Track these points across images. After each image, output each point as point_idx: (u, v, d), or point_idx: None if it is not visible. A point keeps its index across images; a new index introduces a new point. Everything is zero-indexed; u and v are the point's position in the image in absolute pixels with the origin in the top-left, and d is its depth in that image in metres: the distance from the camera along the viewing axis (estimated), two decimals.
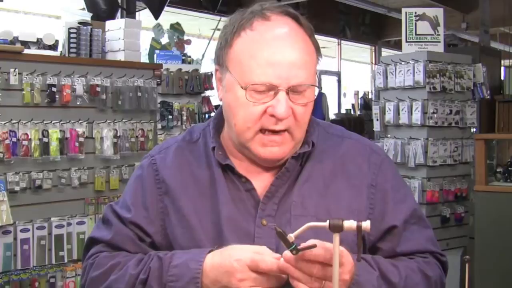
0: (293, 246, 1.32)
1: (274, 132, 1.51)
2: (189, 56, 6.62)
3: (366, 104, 13.19)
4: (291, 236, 1.31)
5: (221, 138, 1.65)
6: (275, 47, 1.48)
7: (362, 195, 1.61)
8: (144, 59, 5.99)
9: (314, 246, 1.34)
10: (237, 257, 1.38)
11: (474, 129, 5.90)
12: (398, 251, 1.59)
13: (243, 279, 1.37)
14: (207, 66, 6.72)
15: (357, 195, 1.60)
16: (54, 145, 4.19)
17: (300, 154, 1.60)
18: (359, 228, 1.29)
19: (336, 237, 1.29)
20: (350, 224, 1.29)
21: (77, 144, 4.33)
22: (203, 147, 1.66)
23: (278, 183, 1.58)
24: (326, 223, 1.28)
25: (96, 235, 1.67)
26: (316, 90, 1.56)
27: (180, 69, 6.09)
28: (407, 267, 1.54)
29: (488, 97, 5.94)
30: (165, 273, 1.43)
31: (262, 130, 1.52)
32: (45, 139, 4.16)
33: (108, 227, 1.65)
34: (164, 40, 6.67)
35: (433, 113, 5.32)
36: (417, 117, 5.36)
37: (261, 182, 1.60)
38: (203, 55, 7.17)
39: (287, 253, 1.33)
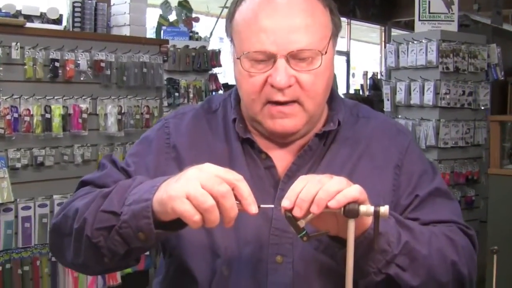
0: (304, 233, 1.21)
1: (280, 103, 1.41)
2: (197, 33, 6.50)
3: (375, 85, 13.04)
4: (302, 221, 1.20)
5: (242, 111, 1.55)
6: (270, 10, 1.38)
7: (387, 177, 1.51)
8: (152, 36, 5.89)
9: (327, 232, 1.23)
10: (212, 167, 1.22)
11: (486, 111, 5.77)
12: (420, 220, 1.48)
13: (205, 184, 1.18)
14: (215, 44, 6.59)
15: (382, 177, 1.51)
16: (56, 122, 4.14)
17: (325, 133, 1.50)
18: (376, 213, 1.17)
19: (351, 224, 1.18)
20: (366, 209, 1.17)
21: (80, 120, 4.27)
22: (222, 118, 1.57)
23: (300, 162, 1.48)
24: (341, 209, 1.17)
25: (86, 177, 1.57)
26: (328, 57, 1.43)
27: (187, 46, 5.97)
28: (428, 229, 1.43)
29: (502, 78, 5.80)
30: (130, 189, 1.31)
31: (270, 102, 1.42)
32: (48, 115, 4.11)
33: (100, 171, 1.56)
34: (172, 17, 6.54)
35: (446, 93, 5.19)
36: (429, 97, 5.23)
37: (281, 160, 1.50)
38: (211, 33, 7.03)
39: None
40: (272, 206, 1.32)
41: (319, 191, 1.18)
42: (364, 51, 16.50)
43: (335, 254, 1.33)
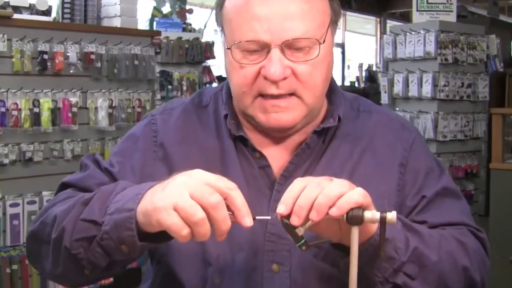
0: (302, 241, 1.10)
1: (274, 97, 1.30)
2: (190, 24, 6.39)
3: (370, 77, 12.97)
4: (300, 229, 1.09)
5: (234, 105, 1.44)
6: None
7: (392, 175, 1.41)
8: (145, 29, 5.79)
9: (328, 241, 1.12)
10: (202, 174, 1.10)
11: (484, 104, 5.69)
12: (428, 223, 1.38)
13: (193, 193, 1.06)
14: (210, 36, 6.48)
15: (385, 175, 1.40)
16: (45, 116, 4.05)
17: (324, 130, 1.39)
18: (383, 220, 1.07)
19: (355, 231, 1.07)
20: (372, 215, 1.07)
21: (70, 114, 4.18)
22: (213, 114, 1.46)
23: (297, 161, 1.37)
24: (343, 215, 1.06)
25: (67, 179, 1.45)
26: (327, 46, 1.32)
27: (180, 38, 5.88)
28: (437, 232, 1.34)
29: (502, 69, 5.72)
30: (112, 196, 1.19)
31: (262, 95, 1.31)
32: (36, 109, 4.01)
33: (83, 172, 1.45)
34: (166, 9, 6.44)
35: (444, 85, 5.14)
36: (427, 89, 5.19)
37: (277, 159, 1.39)
38: (205, 25, 6.94)
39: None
40: (269, 217, 1.19)
41: (318, 195, 1.07)
42: (359, 43, 16.41)
43: (337, 262, 1.23)
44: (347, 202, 1.06)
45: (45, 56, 4.06)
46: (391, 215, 1.06)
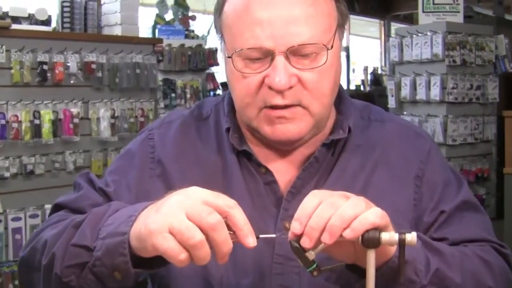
0: (313, 266, 1.00)
1: (280, 108, 1.21)
2: (193, 31, 6.33)
3: (376, 80, 12.89)
4: (311, 253, 0.99)
5: (237, 117, 1.35)
6: (265, 0, 1.18)
7: (407, 189, 1.32)
8: (148, 36, 5.73)
9: (342, 265, 1.02)
10: (199, 192, 1.02)
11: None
12: (448, 240, 1.29)
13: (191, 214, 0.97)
14: (213, 43, 6.41)
15: (400, 189, 1.31)
16: (46, 127, 4.02)
17: (333, 142, 1.30)
18: (402, 242, 0.97)
19: (372, 255, 0.97)
20: (389, 237, 0.97)
21: (71, 125, 4.14)
22: (214, 126, 1.37)
23: (305, 176, 1.28)
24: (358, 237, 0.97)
25: (60, 200, 1.37)
26: (334, 51, 1.23)
27: (183, 45, 5.82)
28: (459, 251, 1.24)
29: (511, 70, 5.61)
30: (104, 219, 1.11)
31: (267, 106, 1.22)
32: (37, 121, 3.98)
33: (76, 192, 1.36)
34: (169, 16, 6.39)
35: (453, 88, 5.02)
36: (435, 92, 5.06)
37: (284, 174, 1.30)
38: (208, 31, 6.87)
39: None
40: (274, 236, 1.09)
41: (332, 216, 0.98)
42: (363, 46, 16.35)
43: (351, 285, 1.13)
44: (362, 223, 0.97)
45: (45, 67, 4.02)
46: (411, 237, 0.97)
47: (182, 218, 0.95)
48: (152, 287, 1.42)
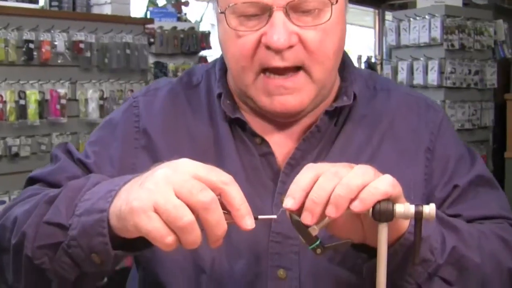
0: (316, 243, 0.88)
1: (280, 72, 1.09)
2: (185, 14, 6.22)
3: (370, 69, 12.85)
4: (314, 228, 0.87)
5: (230, 83, 1.24)
6: None
7: (417, 163, 1.22)
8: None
9: (349, 242, 0.90)
10: (189, 165, 0.89)
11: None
12: (462, 217, 1.19)
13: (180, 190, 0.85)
14: (205, 28, 6.29)
15: (410, 163, 1.21)
16: (32, 108, 3.90)
17: (337, 110, 1.18)
18: (418, 215, 0.85)
19: (384, 230, 0.85)
20: (404, 209, 0.85)
21: (58, 106, 4.02)
22: (206, 94, 1.26)
23: (306, 146, 1.17)
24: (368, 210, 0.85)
25: (35, 173, 1.25)
26: (339, 7, 1.13)
27: (175, 27, 5.72)
28: (476, 229, 1.13)
29: (510, 56, 5.52)
30: (81, 194, 0.98)
31: (264, 71, 1.10)
32: (22, 101, 3.86)
33: (53, 164, 1.25)
34: (161, 2, 6.27)
35: (451, 73, 4.94)
36: (433, 77, 4.97)
37: (281, 145, 1.19)
38: (201, 18, 6.76)
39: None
40: (275, 216, 0.95)
41: (336, 186, 0.85)
42: (358, 35, 16.30)
43: (358, 267, 1.02)
44: (372, 194, 0.85)
45: (31, 45, 3.90)
46: (429, 209, 0.85)
47: (169, 195, 0.83)
48: (137, 272, 1.30)
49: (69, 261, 0.96)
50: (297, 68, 1.10)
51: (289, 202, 0.87)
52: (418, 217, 0.85)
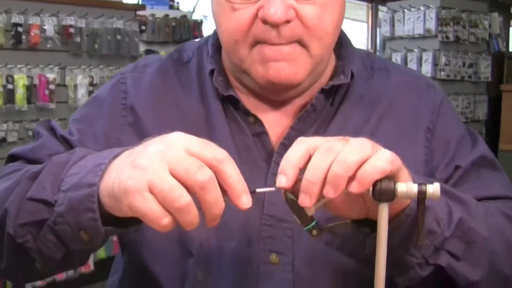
0: (312, 224, 0.83)
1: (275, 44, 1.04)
2: (177, 2, 6.16)
3: None
4: (311, 208, 0.82)
5: (223, 60, 1.18)
6: None
7: (417, 143, 1.18)
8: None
9: (348, 222, 0.85)
10: (183, 139, 0.84)
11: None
12: None
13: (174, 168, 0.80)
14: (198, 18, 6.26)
15: (411, 143, 1.17)
16: (20, 93, 3.82)
17: (333, 88, 1.13)
18: (421, 194, 0.80)
19: (384, 210, 0.80)
20: (407, 189, 0.80)
21: (47, 92, 3.94)
22: (196, 70, 1.20)
23: (300, 126, 1.12)
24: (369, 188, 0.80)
25: (15, 150, 1.20)
26: None
27: (167, 15, 5.66)
28: (482, 204, 1.09)
29: (504, 49, 5.51)
30: (67, 168, 0.93)
31: (260, 43, 1.05)
32: (10, 86, 3.77)
33: (35, 141, 1.19)
34: None
35: (445, 65, 4.94)
36: (427, 69, 4.99)
37: (276, 125, 1.14)
38: (194, 9, 6.71)
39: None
40: (273, 189, 0.88)
41: (332, 163, 0.80)
42: (351, 29, 16.30)
43: (356, 254, 0.97)
44: (370, 173, 0.80)
45: (20, 29, 3.80)
46: (433, 188, 0.80)
47: (164, 174, 0.78)
48: (122, 254, 1.25)
49: (54, 239, 0.91)
50: (293, 42, 1.05)
51: (282, 179, 0.82)
52: (421, 197, 0.80)
